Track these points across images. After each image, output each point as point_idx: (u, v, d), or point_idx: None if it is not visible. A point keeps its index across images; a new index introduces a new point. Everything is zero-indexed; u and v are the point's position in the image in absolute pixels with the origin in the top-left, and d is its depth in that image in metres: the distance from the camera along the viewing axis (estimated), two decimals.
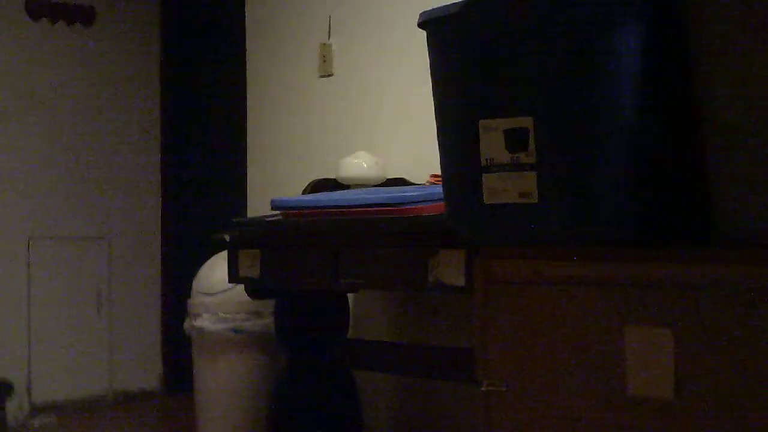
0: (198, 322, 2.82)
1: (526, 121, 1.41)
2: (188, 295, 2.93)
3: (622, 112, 1.36)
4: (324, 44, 2.96)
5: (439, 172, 1.64)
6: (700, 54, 1.31)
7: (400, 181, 2.61)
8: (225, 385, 2.83)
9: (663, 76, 1.37)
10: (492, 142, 1.46)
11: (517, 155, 1.43)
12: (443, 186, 1.61)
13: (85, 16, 4.12)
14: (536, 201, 1.42)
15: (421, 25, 1.58)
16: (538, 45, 1.40)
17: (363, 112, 2.87)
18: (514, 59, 1.42)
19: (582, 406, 1.43)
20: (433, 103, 1.59)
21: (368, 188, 2.50)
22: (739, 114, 1.28)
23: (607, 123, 1.36)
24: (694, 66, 1.32)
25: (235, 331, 2.78)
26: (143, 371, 4.24)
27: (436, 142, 1.59)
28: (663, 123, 1.39)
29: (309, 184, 2.64)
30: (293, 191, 2.78)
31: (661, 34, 1.36)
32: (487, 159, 1.47)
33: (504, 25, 1.44)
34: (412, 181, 2.59)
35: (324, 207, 2.16)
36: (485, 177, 1.48)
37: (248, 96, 3.27)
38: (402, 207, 1.99)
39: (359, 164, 2.60)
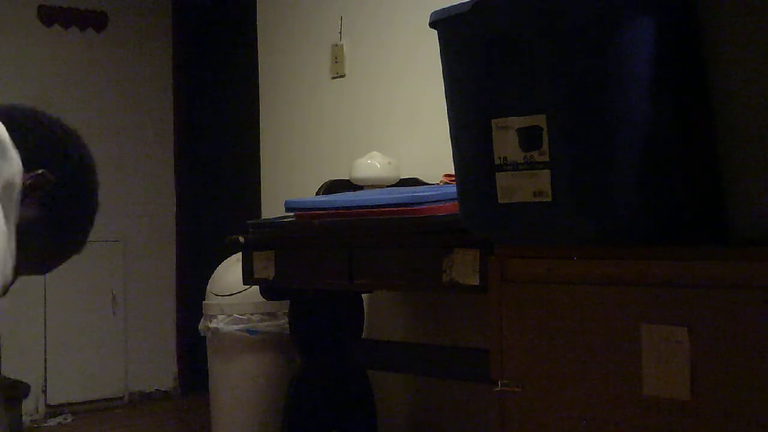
0: (213, 324, 2.83)
1: (539, 120, 1.41)
2: (203, 297, 2.94)
3: (635, 109, 1.35)
4: (336, 45, 2.97)
5: (452, 172, 1.64)
6: (715, 49, 1.31)
7: (414, 182, 2.61)
8: (240, 386, 2.83)
9: (677, 72, 1.37)
10: (505, 141, 1.45)
11: (530, 154, 1.42)
12: (457, 185, 1.61)
13: (98, 22, 4.14)
14: (550, 200, 1.41)
15: (433, 24, 1.58)
16: (549, 42, 1.39)
17: (375, 113, 2.87)
18: (525, 57, 1.42)
19: (597, 406, 1.42)
20: (445, 102, 1.59)
21: (382, 189, 2.50)
22: (756, 111, 1.27)
23: (621, 120, 1.36)
24: (708, 61, 1.32)
25: (250, 332, 2.79)
26: (158, 372, 4.26)
27: (449, 142, 1.59)
28: (677, 120, 1.38)
29: (322, 185, 2.64)
30: (307, 192, 2.79)
31: (674, 29, 1.36)
32: (500, 158, 1.46)
33: (514, 23, 1.44)
34: (426, 181, 2.59)
35: (338, 208, 2.16)
36: (499, 176, 1.47)
37: (261, 98, 3.28)
38: (416, 207, 1.99)
39: (372, 165, 2.60)
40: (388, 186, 2.57)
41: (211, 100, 4.54)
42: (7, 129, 1.08)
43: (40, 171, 1.10)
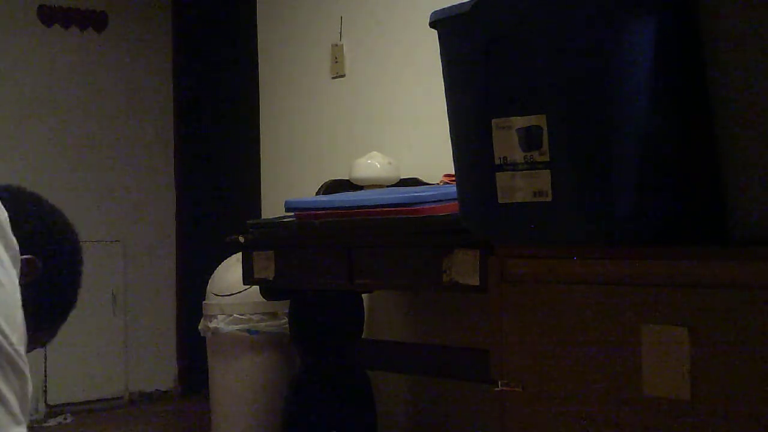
0: (213, 324, 2.83)
1: (540, 120, 1.41)
2: (203, 297, 2.94)
3: (636, 109, 1.35)
4: (335, 45, 2.97)
5: (452, 172, 1.64)
6: (715, 50, 1.31)
7: (414, 182, 2.61)
8: (240, 386, 2.83)
9: (678, 72, 1.37)
10: (505, 141, 1.45)
11: (530, 154, 1.42)
12: (457, 185, 1.61)
13: (98, 22, 4.14)
14: (550, 200, 1.41)
15: (433, 24, 1.58)
16: (549, 42, 1.39)
17: (375, 113, 2.87)
18: (525, 56, 1.42)
19: (597, 406, 1.43)
20: (445, 102, 1.59)
21: (382, 189, 2.50)
22: (755, 111, 1.27)
23: (622, 120, 1.36)
24: (708, 61, 1.32)
25: (250, 332, 2.79)
26: (159, 372, 4.26)
27: (449, 142, 1.59)
28: (678, 120, 1.38)
29: (322, 185, 2.64)
30: (307, 192, 2.79)
31: (675, 28, 1.36)
32: (500, 158, 1.47)
33: (514, 22, 1.44)
34: (426, 181, 2.59)
35: (338, 208, 2.16)
36: (499, 176, 1.47)
37: (261, 98, 3.28)
38: (415, 207, 1.99)
39: (372, 165, 2.60)
40: (388, 186, 2.57)
41: (212, 99, 4.54)
42: (11, 210, 1.04)
43: (29, 256, 1.06)
